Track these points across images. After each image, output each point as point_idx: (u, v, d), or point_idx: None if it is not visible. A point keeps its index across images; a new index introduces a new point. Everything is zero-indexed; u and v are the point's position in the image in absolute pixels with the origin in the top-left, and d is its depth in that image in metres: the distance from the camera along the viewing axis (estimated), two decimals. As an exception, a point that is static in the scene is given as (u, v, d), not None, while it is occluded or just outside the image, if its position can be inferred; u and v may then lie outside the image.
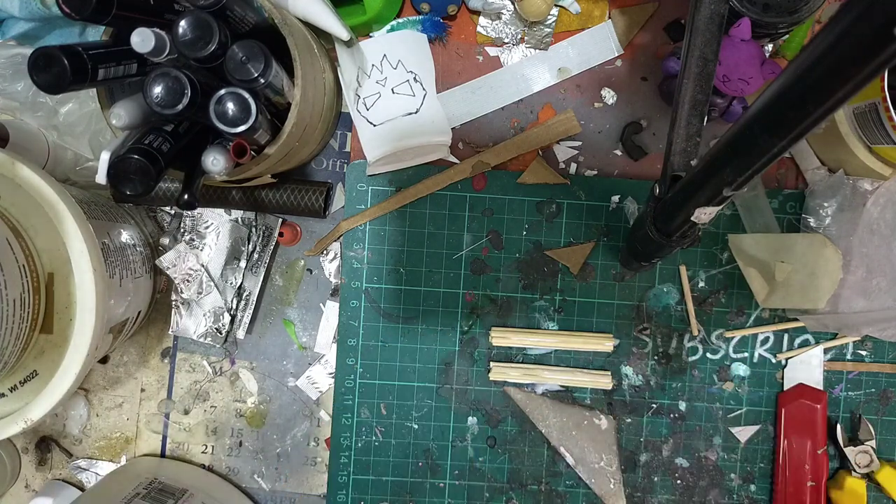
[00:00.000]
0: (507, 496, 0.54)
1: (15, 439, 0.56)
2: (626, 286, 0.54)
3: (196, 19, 0.36)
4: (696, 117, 0.38)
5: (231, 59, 0.37)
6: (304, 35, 0.45)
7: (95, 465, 0.56)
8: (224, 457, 0.56)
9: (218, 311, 0.54)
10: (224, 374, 0.56)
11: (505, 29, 0.53)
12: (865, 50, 0.19)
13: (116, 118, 0.39)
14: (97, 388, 0.56)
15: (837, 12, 0.20)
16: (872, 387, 0.54)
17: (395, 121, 0.52)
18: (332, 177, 0.55)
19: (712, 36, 0.38)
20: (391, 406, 0.54)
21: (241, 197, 0.52)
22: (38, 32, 0.51)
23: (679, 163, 0.38)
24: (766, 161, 0.28)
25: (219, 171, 0.39)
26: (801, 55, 0.22)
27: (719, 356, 0.54)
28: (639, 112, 0.54)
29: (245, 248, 0.54)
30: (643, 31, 0.53)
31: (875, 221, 0.49)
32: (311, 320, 0.56)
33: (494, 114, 0.54)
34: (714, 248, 0.54)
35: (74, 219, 0.41)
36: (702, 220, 0.35)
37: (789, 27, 0.45)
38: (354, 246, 0.54)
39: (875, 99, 0.44)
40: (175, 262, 0.53)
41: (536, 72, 0.54)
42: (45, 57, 0.34)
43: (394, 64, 0.52)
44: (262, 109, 0.39)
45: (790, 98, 0.24)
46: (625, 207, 0.54)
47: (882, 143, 0.46)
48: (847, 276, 0.49)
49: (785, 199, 0.53)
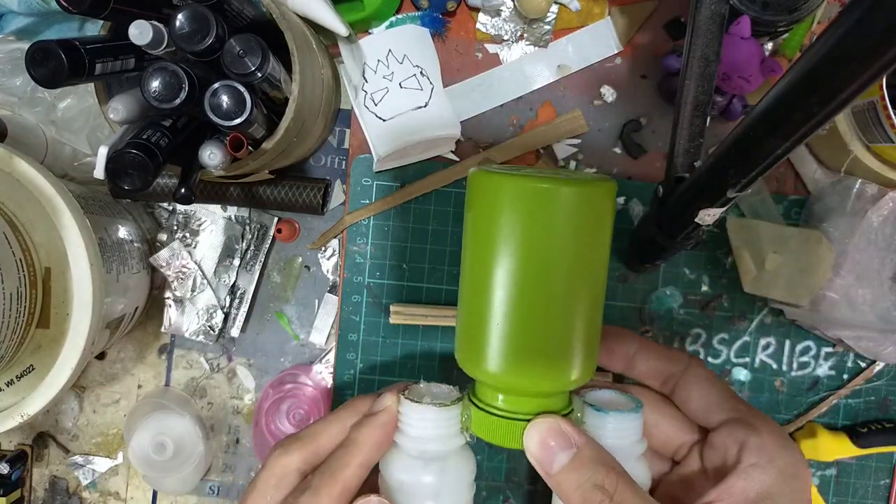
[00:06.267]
0: (504, 495, 0.54)
1: (12, 434, 0.56)
2: (628, 288, 0.54)
3: (193, 13, 0.36)
4: (698, 118, 0.38)
5: (228, 53, 0.37)
6: (303, 30, 0.45)
7: (92, 461, 0.56)
8: (221, 454, 0.56)
9: (211, 309, 0.54)
10: (221, 371, 0.56)
11: (504, 26, 0.53)
12: (871, 49, 0.19)
13: (114, 113, 0.39)
14: (94, 384, 0.56)
15: (842, 11, 0.20)
16: (872, 395, 0.54)
17: (405, 115, 0.52)
18: (330, 173, 0.55)
19: (713, 36, 0.38)
20: (389, 403, 0.54)
21: (239, 193, 0.52)
22: (36, 27, 0.51)
23: (682, 164, 0.38)
24: (771, 162, 0.28)
25: (215, 165, 0.39)
26: (805, 55, 0.22)
27: (720, 360, 0.54)
28: (638, 110, 0.54)
29: (239, 245, 0.54)
30: (643, 29, 0.53)
31: (874, 231, 0.48)
32: (309, 317, 0.56)
33: (493, 111, 0.54)
34: (718, 251, 0.54)
35: (72, 214, 0.41)
36: (706, 222, 0.35)
37: (789, 25, 0.45)
38: (357, 240, 0.54)
39: (873, 97, 0.44)
40: (169, 259, 0.53)
41: (536, 69, 0.54)
42: (42, 51, 0.34)
43: (400, 59, 0.52)
44: (258, 103, 0.39)
45: (794, 99, 0.24)
46: (630, 209, 0.54)
47: (881, 142, 0.46)
48: (836, 279, 0.49)
49: (790, 205, 0.53)
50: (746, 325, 0.54)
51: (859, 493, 0.54)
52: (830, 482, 0.54)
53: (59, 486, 0.56)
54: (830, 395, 0.54)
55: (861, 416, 0.54)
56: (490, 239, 0.32)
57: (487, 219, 0.33)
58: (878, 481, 0.54)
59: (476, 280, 0.33)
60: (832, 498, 0.54)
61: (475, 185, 0.34)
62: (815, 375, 0.54)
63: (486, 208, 0.33)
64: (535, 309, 0.32)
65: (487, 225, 0.33)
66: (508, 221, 0.31)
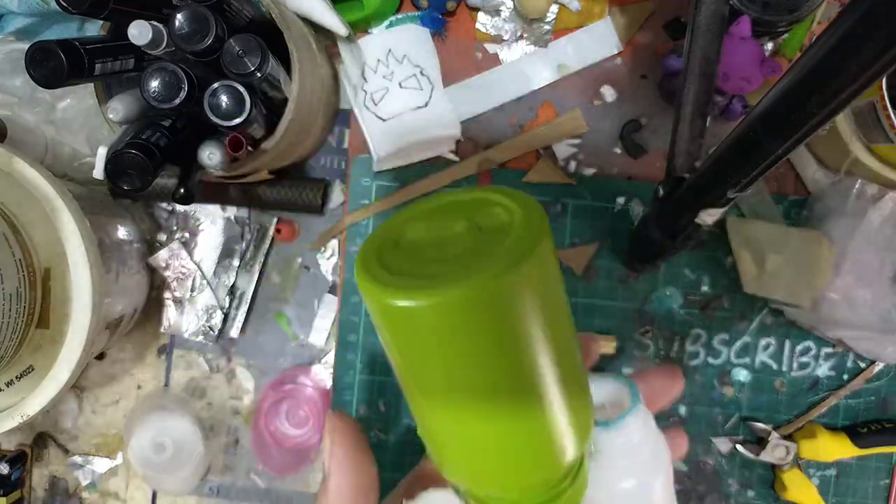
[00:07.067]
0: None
1: (12, 435, 0.56)
2: (629, 288, 0.54)
3: (193, 13, 0.36)
4: (698, 118, 0.38)
5: (228, 53, 0.37)
6: (302, 30, 0.45)
7: (92, 461, 0.56)
8: (220, 454, 0.56)
9: (210, 310, 0.54)
10: (221, 372, 0.56)
11: (504, 26, 0.53)
12: (871, 49, 0.19)
13: (114, 113, 0.39)
14: (93, 384, 0.56)
15: (842, 11, 0.20)
16: (872, 395, 0.54)
17: (405, 115, 0.52)
18: (329, 174, 0.55)
19: (714, 37, 0.38)
20: (390, 403, 0.54)
21: (239, 193, 0.52)
22: (36, 28, 0.51)
23: (682, 164, 0.38)
24: (771, 162, 0.27)
25: (215, 165, 0.39)
26: (805, 55, 0.22)
27: (720, 361, 0.54)
28: (638, 110, 0.54)
29: (238, 246, 0.54)
30: (643, 29, 0.53)
31: (874, 232, 0.48)
32: (308, 318, 0.55)
33: (493, 111, 0.54)
34: (718, 251, 0.53)
35: (71, 214, 0.41)
36: (706, 223, 0.35)
37: (789, 25, 0.45)
38: (357, 241, 0.54)
39: (873, 98, 0.44)
40: (168, 260, 0.53)
41: (536, 69, 0.53)
42: (42, 51, 0.34)
43: (399, 58, 0.52)
44: (258, 103, 0.39)
45: (794, 99, 0.24)
46: (630, 209, 0.53)
47: (880, 142, 0.46)
48: (836, 280, 0.48)
49: (790, 205, 0.53)
50: (747, 326, 0.54)
51: (859, 493, 0.54)
52: (830, 482, 0.54)
53: (59, 487, 0.56)
54: (830, 396, 0.53)
55: (861, 416, 0.54)
56: (393, 357, 0.23)
57: (381, 332, 0.23)
58: (878, 481, 0.54)
59: (409, 396, 0.24)
60: (832, 498, 0.54)
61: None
62: (815, 376, 0.54)
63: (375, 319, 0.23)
64: (475, 419, 0.23)
65: (384, 339, 0.23)
66: (393, 341, 0.22)
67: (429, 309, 0.20)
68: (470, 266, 0.20)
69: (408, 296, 0.20)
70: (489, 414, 0.23)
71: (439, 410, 0.23)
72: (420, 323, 0.21)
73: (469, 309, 0.20)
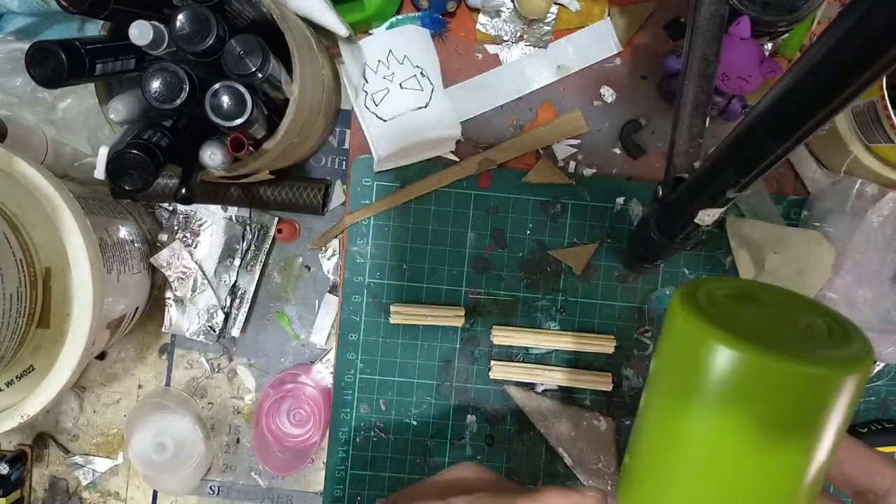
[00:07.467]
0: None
1: (12, 435, 0.56)
2: (628, 288, 0.54)
3: (194, 13, 0.36)
4: (698, 119, 0.38)
5: (229, 54, 0.37)
6: (303, 31, 0.45)
7: (92, 461, 0.56)
8: (221, 454, 0.56)
9: (212, 309, 0.54)
10: (222, 371, 0.56)
11: (504, 26, 0.53)
12: (871, 49, 0.19)
13: (115, 113, 0.39)
14: (94, 384, 0.56)
15: (842, 11, 0.20)
16: (872, 395, 0.54)
17: (405, 115, 0.52)
18: (330, 174, 0.55)
19: (713, 37, 0.38)
20: (390, 402, 0.54)
21: (240, 193, 0.52)
22: (36, 27, 0.51)
23: (682, 164, 0.38)
24: (770, 163, 0.27)
25: (216, 165, 0.39)
26: (805, 55, 0.22)
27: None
28: (638, 110, 0.54)
29: (239, 246, 0.54)
30: (642, 30, 0.53)
31: (873, 231, 0.48)
32: (310, 317, 0.56)
33: (493, 111, 0.54)
34: (718, 251, 0.54)
35: (72, 214, 0.41)
36: (705, 222, 0.35)
37: (789, 26, 0.45)
38: (358, 241, 0.54)
39: (874, 98, 0.44)
40: (170, 259, 0.53)
41: (536, 69, 0.54)
42: (43, 51, 0.34)
43: (400, 59, 0.52)
44: (259, 103, 0.39)
45: (794, 100, 0.24)
46: (630, 209, 0.54)
47: (880, 142, 0.46)
48: (836, 279, 0.49)
49: (790, 205, 0.53)
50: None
51: (859, 493, 0.54)
52: (830, 482, 0.54)
53: (59, 487, 0.56)
54: (830, 395, 0.54)
55: (861, 416, 0.54)
56: (683, 398, 0.25)
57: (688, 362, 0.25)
58: (878, 481, 0.54)
59: (664, 437, 0.26)
60: (832, 498, 0.54)
61: (677, 328, 0.26)
62: (814, 375, 0.54)
63: (686, 365, 0.25)
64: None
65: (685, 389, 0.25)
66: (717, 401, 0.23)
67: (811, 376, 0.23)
68: (845, 353, 0.24)
69: (804, 363, 0.23)
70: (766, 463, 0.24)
71: (715, 433, 0.24)
72: (779, 381, 0.23)
73: (842, 385, 0.23)
